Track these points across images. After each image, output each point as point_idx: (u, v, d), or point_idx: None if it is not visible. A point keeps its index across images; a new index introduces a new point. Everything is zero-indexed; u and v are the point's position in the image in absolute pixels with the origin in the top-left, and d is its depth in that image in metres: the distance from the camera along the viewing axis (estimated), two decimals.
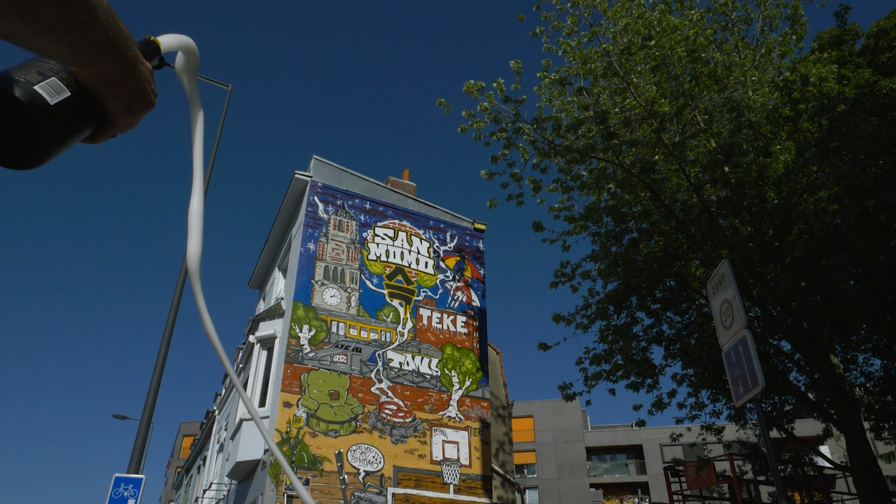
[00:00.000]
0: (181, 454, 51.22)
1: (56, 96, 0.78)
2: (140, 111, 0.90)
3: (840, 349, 14.03)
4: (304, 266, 16.00)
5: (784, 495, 5.53)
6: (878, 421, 13.90)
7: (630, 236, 12.99)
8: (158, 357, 9.91)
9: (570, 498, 40.89)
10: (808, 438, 18.83)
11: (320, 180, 17.38)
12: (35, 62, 0.80)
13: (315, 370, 14.87)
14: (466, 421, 16.25)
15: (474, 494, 15.35)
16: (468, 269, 18.68)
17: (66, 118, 0.80)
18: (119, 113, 0.87)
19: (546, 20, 11.81)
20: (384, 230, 17.82)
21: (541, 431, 43.91)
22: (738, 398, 6.04)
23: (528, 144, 12.03)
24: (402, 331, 16.59)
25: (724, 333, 6.52)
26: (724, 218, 11.86)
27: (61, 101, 0.78)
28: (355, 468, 14.21)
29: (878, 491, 10.24)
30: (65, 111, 0.79)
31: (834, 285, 10.24)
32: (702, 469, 14.36)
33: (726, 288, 6.49)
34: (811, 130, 10.92)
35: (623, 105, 11.32)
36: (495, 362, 23.51)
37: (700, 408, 13.86)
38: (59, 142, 0.80)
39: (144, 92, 0.88)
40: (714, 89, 11.57)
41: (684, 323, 13.72)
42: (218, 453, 22.59)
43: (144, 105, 0.89)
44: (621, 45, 11.19)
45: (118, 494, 9.14)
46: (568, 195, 12.76)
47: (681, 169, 11.39)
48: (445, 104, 11.47)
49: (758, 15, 12.69)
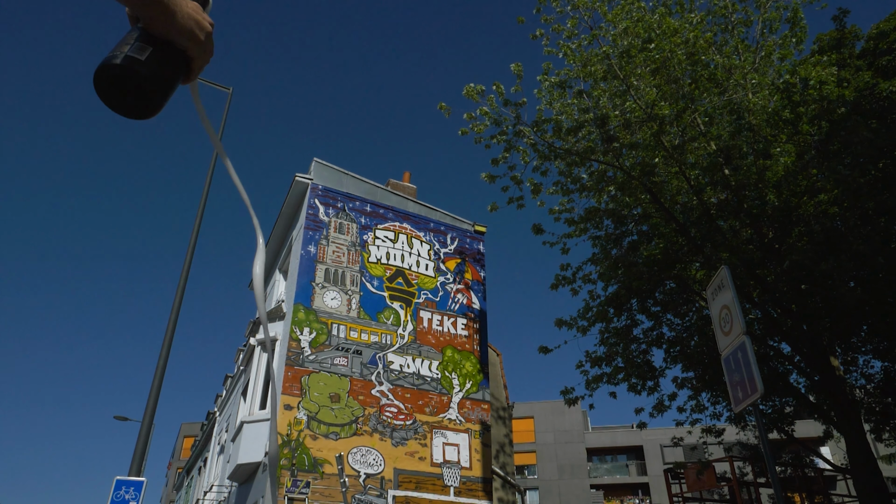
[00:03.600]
0: (182, 455, 51.25)
1: (143, 53, 1.06)
2: (202, 37, 1.15)
3: (840, 351, 14.04)
4: (305, 269, 16.02)
5: (782, 498, 5.54)
6: (878, 423, 13.91)
7: (630, 239, 13.00)
8: (160, 358, 9.92)
9: (570, 499, 40.89)
10: (808, 440, 18.84)
11: (321, 183, 17.40)
12: (123, 38, 1.09)
13: (316, 373, 14.89)
14: (467, 423, 16.26)
15: (475, 496, 15.36)
16: (468, 272, 18.69)
17: (159, 65, 1.08)
18: (190, 45, 1.13)
19: (546, 23, 11.82)
20: (385, 233, 17.84)
21: (541, 432, 43.92)
22: (738, 404, 6.06)
23: (528, 147, 12.04)
24: (403, 333, 16.60)
25: (723, 339, 6.53)
26: (724, 220, 11.87)
27: (149, 54, 1.07)
28: (356, 471, 14.23)
29: (878, 492, 10.25)
30: (155, 60, 1.08)
31: (834, 288, 10.25)
32: (702, 471, 14.37)
33: (725, 293, 6.50)
34: (811, 133, 10.93)
35: (623, 108, 11.32)
36: (496, 364, 23.52)
37: (700, 410, 13.87)
38: (163, 84, 1.09)
39: (198, 20, 1.13)
40: (714, 92, 11.58)
41: (684, 325, 13.73)
42: (219, 455, 22.61)
43: (203, 30, 1.14)
44: (621, 48, 11.19)
45: (119, 497, 9.16)
46: (568, 198, 12.76)
47: (681, 171, 11.40)
48: (446, 108, 11.48)
49: (758, 17, 12.69)
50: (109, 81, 1.05)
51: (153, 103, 1.09)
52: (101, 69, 1.04)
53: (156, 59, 1.07)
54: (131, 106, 1.09)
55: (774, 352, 13.31)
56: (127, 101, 1.08)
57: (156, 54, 1.08)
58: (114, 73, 1.04)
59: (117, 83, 1.06)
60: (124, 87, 1.06)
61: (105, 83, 1.06)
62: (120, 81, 1.05)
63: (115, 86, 1.06)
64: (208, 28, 1.16)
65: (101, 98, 1.07)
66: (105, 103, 1.08)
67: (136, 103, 1.08)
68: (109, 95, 1.07)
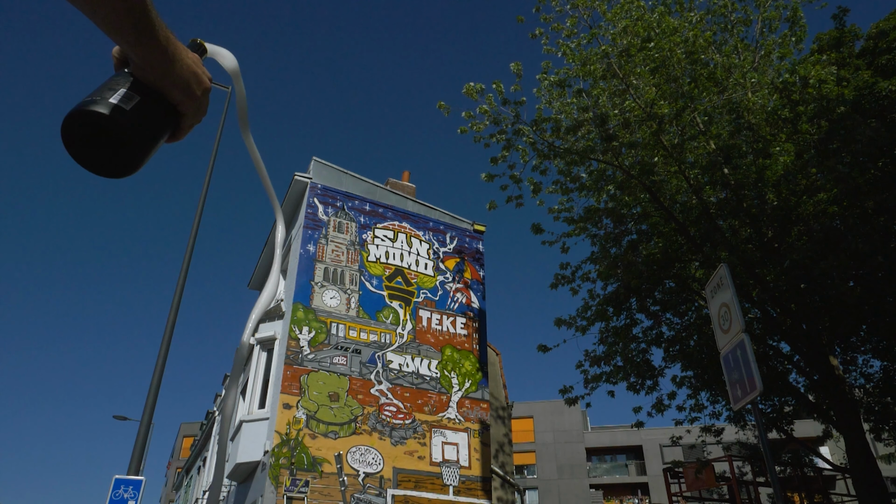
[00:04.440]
0: (181, 454, 51.21)
1: (130, 102, 0.91)
2: (199, 93, 1.02)
3: (839, 351, 14.03)
4: (304, 268, 16.00)
5: (782, 498, 5.54)
6: (877, 422, 13.89)
7: (629, 238, 12.99)
8: (159, 357, 9.91)
9: (569, 499, 40.88)
10: (807, 439, 18.82)
11: (320, 182, 17.39)
12: (106, 82, 0.93)
13: (315, 372, 14.87)
14: (466, 422, 16.25)
15: (474, 496, 15.35)
16: (468, 271, 18.68)
17: (145, 119, 0.93)
18: (182, 99, 0.99)
19: (546, 22, 11.81)
20: (384, 232, 17.83)
21: (540, 432, 43.91)
22: (737, 402, 6.05)
23: (527, 146, 12.02)
24: (402, 332, 16.59)
25: (722, 337, 6.52)
26: (724, 219, 11.86)
27: (135, 104, 0.91)
28: (355, 470, 14.22)
29: (878, 492, 10.24)
30: (142, 113, 0.92)
31: (833, 287, 10.24)
32: (701, 471, 14.37)
33: (724, 292, 6.50)
34: (810, 132, 10.92)
35: (622, 107, 11.31)
36: (495, 363, 23.51)
37: (700, 409, 13.86)
38: (146, 141, 0.94)
39: (196, 74, 1.00)
40: (713, 91, 11.57)
41: (684, 324, 13.72)
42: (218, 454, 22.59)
43: (200, 85, 1.01)
44: (621, 47, 11.19)
45: (118, 496, 9.14)
46: (567, 197, 12.76)
47: (680, 171, 11.39)
48: (445, 107, 11.48)
49: (757, 17, 12.69)
50: (83, 130, 0.89)
51: (132, 162, 0.94)
52: (76, 114, 0.87)
53: (143, 111, 0.93)
54: (104, 161, 0.93)
55: (773, 351, 13.30)
56: (100, 155, 0.92)
57: (143, 106, 0.93)
58: (91, 120, 0.88)
59: (92, 133, 0.90)
60: (100, 139, 0.90)
61: (77, 131, 0.89)
62: (96, 132, 0.90)
63: (88, 136, 0.90)
64: (207, 84, 1.03)
65: (68, 148, 0.90)
66: (71, 154, 0.91)
67: (112, 159, 0.93)
68: (79, 146, 0.91)
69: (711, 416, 14.22)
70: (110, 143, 0.91)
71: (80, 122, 0.88)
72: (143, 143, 0.93)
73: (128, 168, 0.94)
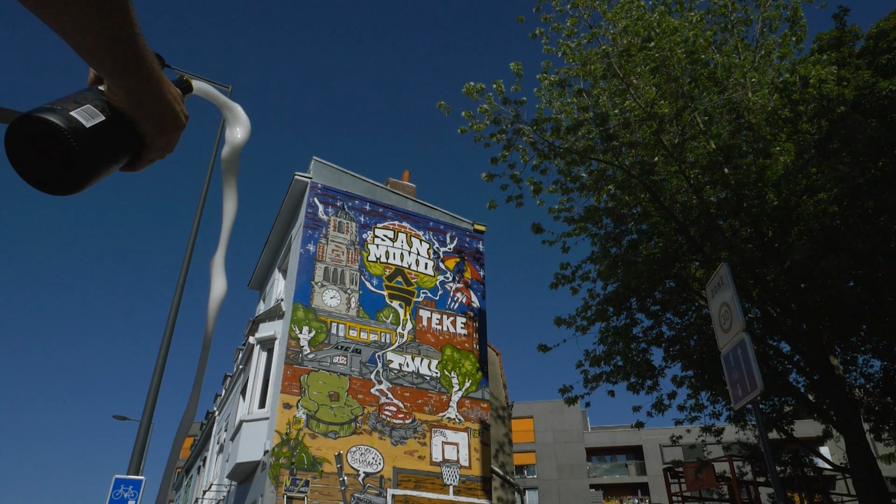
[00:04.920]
0: (181, 454, 51.23)
1: (91, 120, 0.82)
2: (172, 130, 0.94)
3: (840, 350, 14.03)
4: (304, 267, 16.01)
5: (782, 497, 5.54)
6: (877, 422, 13.88)
7: (630, 238, 12.99)
8: (158, 357, 9.91)
9: (569, 498, 40.88)
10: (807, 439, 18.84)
11: (320, 181, 17.39)
12: (72, 94, 0.85)
13: (315, 371, 14.88)
14: (466, 422, 16.25)
15: (474, 495, 15.35)
16: (468, 271, 18.68)
17: (103, 141, 0.84)
18: (152, 133, 0.91)
19: (546, 21, 11.81)
20: (384, 231, 17.83)
21: (540, 432, 43.91)
22: (737, 401, 6.05)
23: (527, 146, 12.02)
24: (402, 332, 16.59)
25: (722, 336, 6.52)
26: (724, 219, 11.86)
27: (97, 124, 0.83)
28: (355, 469, 14.22)
29: (878, 492, 10.24)
30: (101, 134, 0.84)
31: (833, 287, 10.23)
32: (701, 470, 14.35)
33: (725, 291, 6.50)
34: (811, 132, 10.92)
35: (623, 106, 11.32)
36: (495, 363, 23.52)
37: (700, 409, 13.85)
38: (98, 164, 0.85)
39: (174, 110, 0.92)
40: (714, 91, 11.57)
41: (684, 324, 13.72)
42: (218, 454, 22.60)
43: (175, 123, 0.93)
44: (621, 47, 11.19)
45: (118, 496, 9.15)
46: (567, 196, 12.76)
47: (680, 170, 11.39)
48: (445, 106, 11.47)
49: (757, 16, 12.69)
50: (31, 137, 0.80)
51: (77, 182, 0.83)
52: (27, 119, 0.79)
53: (103, 133, 0.84)
54: (46, 175, 0.83)
55: (774, 351, 13.29)
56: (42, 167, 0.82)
57: (105, 128, 0.84)
58: (42, 129, 0.79)
59: (40, 143, 0.80)
60: (46, 150, 0.81)
61: (24, 138, 0.80)
62: (45, 142, 0.80)
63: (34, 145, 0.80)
64: (182, 123, 0.95)
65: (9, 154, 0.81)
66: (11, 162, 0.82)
67: (55, 175, 0.82)
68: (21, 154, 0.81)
69: (711, 415, 14.22)
70: (60, 159, 0.81)
71: (32, 129, 0.80)
72: (93, 166, 0.84)
73: (67, 188, 0.84)
